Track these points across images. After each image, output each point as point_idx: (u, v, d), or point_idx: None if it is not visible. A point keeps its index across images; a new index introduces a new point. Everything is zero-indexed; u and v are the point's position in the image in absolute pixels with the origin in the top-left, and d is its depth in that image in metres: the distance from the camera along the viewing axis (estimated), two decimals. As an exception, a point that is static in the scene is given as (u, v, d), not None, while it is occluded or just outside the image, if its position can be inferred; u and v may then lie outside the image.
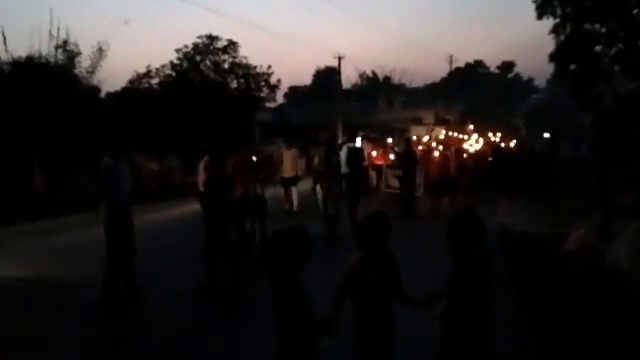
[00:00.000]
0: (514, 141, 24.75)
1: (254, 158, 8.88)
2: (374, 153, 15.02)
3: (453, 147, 15.26)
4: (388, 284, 2.86)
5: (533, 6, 21.84)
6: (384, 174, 13.38)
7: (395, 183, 12.71)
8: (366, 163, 12.74)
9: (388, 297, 2.86)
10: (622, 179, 9.84)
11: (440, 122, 38.45)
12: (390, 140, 15.89)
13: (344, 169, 11.03)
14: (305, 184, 12.99)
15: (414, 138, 15.69)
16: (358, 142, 12.67)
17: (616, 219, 7.88)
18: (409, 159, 12.16)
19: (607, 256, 6.82)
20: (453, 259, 2.91)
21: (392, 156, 14.08)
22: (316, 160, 11.20)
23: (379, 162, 14.09)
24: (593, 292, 5.56)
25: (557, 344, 4.54)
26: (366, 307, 2.82)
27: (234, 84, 27.93)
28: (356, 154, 11.20)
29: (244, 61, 28.06)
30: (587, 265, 6.51)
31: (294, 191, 12.25)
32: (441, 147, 14.63)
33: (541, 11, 21.67)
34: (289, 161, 12.28)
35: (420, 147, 14.97)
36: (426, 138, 20.40)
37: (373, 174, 14.49)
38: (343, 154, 11.16)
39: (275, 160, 13.16)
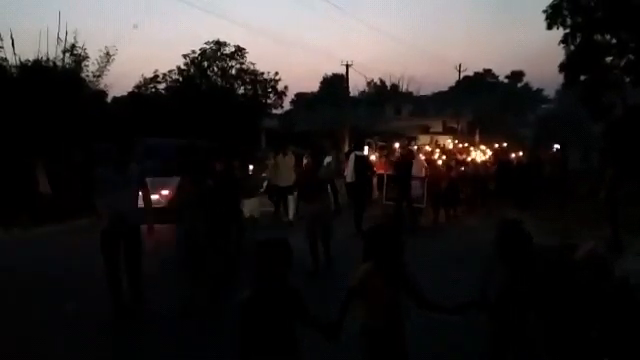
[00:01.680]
0: (520, 152, 24.09)
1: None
2: (372, 159, 13.72)
3: (453, 157, 14.54)
4: (398, 291, 2.88)
5: (543, 16, 21.75)
6: (385, 184, 12.05)
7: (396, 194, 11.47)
8: (371, 172, 12.15)
9: (396, 304, 2.89)
10: (632, 191, 9.70)
11: (447, 131, 38.24)
12: (397, 145, 14.19)
13: (350, 178, 10.88)
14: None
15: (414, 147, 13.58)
16: (366, 150, 12.20)
17: (626, 232, 7.76)
18: (406, 168, 10.85)
19: (616, 269, 6.70)
20: (503, 271, 3.05)
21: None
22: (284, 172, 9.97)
23: (380, 171, 12.76)
24: (605, 304, 5.49)
25: (570, 355, 4.49)
26: (374, 314, 2.84)
27: (241, 90, 27.98)
28: (363, 162, 10.95)
29: (251, 67, 28.14)
30: (596, 277, 6.40)
31: (290, 200, 11.25)
32: (442, 157, 13.93)
33: (551, 21, 21.54)
34: (284, 169, 11.27)
35: (422, 157, 13.52)
36: (428, 148, 19.39)
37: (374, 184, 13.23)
38: (350, 162, 10.99)
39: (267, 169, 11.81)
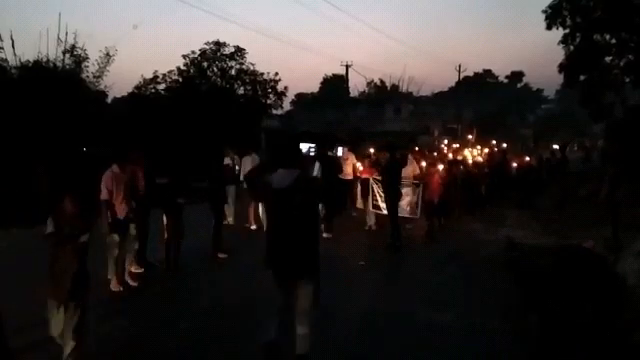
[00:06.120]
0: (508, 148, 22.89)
1: None
2: (359, 164, 11.98)
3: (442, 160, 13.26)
4: None
5: (543, 16, 21.75)
6: (371, 190, 10.71)
7: (383, 203, 10.10)
8: (347, 175, 11.30)
9: None
10: (633, 192, 9.72)
11: (447, 132, 38.25)
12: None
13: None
14: None
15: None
16: (340, 151, 11.14)
17: (626, 232, 7.78)
18: (394, 172, 9.34)
19: (615, 269, 6.73)
20: None
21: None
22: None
23: (365, 175, 11.24)
24: (601, 302, 5.56)
25: (566, 353, 4.59)
26: None
27: (241, 91, 27.96)
28: (330, 164, 9.99)
29: (251, 68, 28.05)
30: (594, 276, 6.45)
31: (252, 204, 10.28)
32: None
33: (551, 21, 21.52)
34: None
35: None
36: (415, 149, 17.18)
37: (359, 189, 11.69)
38: (316, 165, 9.85)
39: None
